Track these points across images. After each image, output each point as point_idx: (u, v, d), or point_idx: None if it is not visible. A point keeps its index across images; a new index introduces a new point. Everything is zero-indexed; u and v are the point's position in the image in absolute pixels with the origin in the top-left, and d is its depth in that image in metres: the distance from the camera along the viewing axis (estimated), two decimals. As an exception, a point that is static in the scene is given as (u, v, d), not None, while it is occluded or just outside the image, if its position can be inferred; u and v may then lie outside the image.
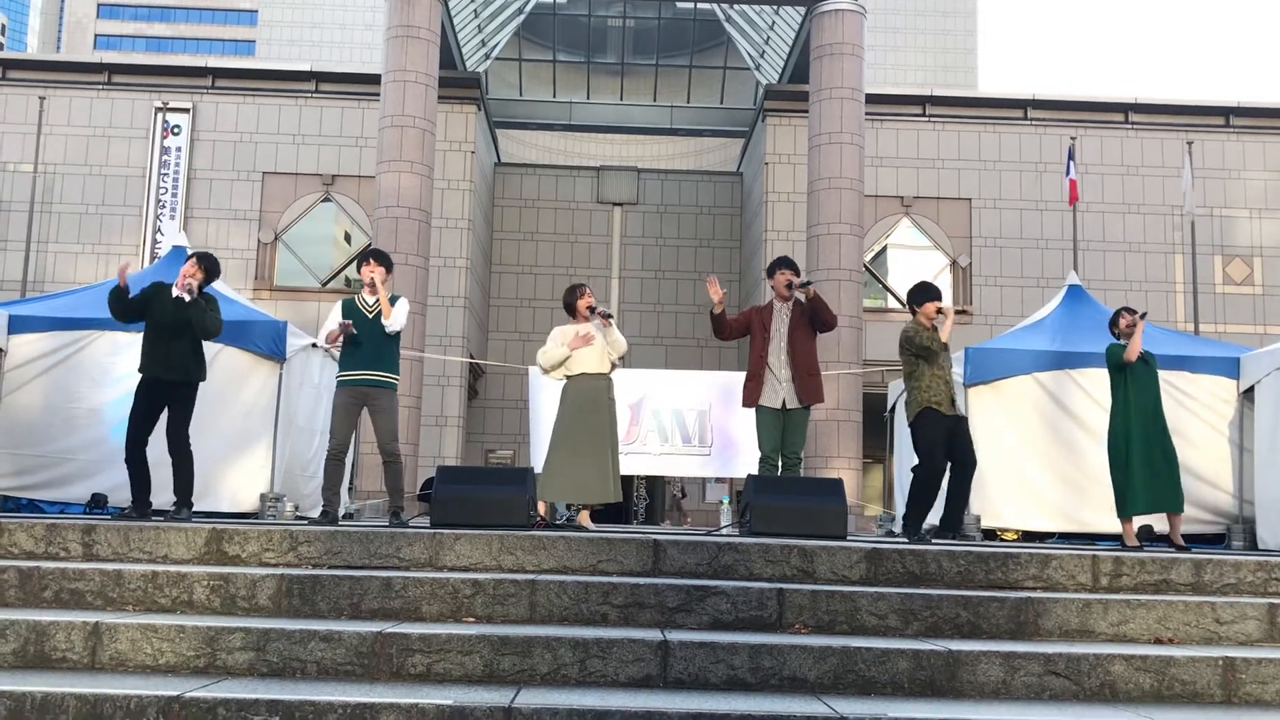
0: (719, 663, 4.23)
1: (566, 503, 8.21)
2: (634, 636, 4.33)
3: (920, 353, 7.75)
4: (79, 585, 4.84)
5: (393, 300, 7.61)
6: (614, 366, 8.23)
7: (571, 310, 8.31)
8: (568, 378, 8.14)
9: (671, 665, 4.23)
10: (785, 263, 8.06)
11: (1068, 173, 20.44)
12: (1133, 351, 8.05)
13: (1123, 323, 8.32)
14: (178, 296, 7.60)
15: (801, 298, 7.90)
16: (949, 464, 7.78)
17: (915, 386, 7.81)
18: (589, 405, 7.99)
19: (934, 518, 8.11)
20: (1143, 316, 8.27)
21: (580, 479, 7.88)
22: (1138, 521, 9.41)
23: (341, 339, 7.59)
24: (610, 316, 8.25)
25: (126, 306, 7.64)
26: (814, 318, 7.86)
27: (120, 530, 5.52)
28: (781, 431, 7.87)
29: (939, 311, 7.85)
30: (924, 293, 7.98)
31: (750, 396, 7.93)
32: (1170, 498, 8.12)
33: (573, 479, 7.89)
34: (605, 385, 8.11)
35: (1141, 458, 8.04)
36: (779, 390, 7.83)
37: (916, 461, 7.84)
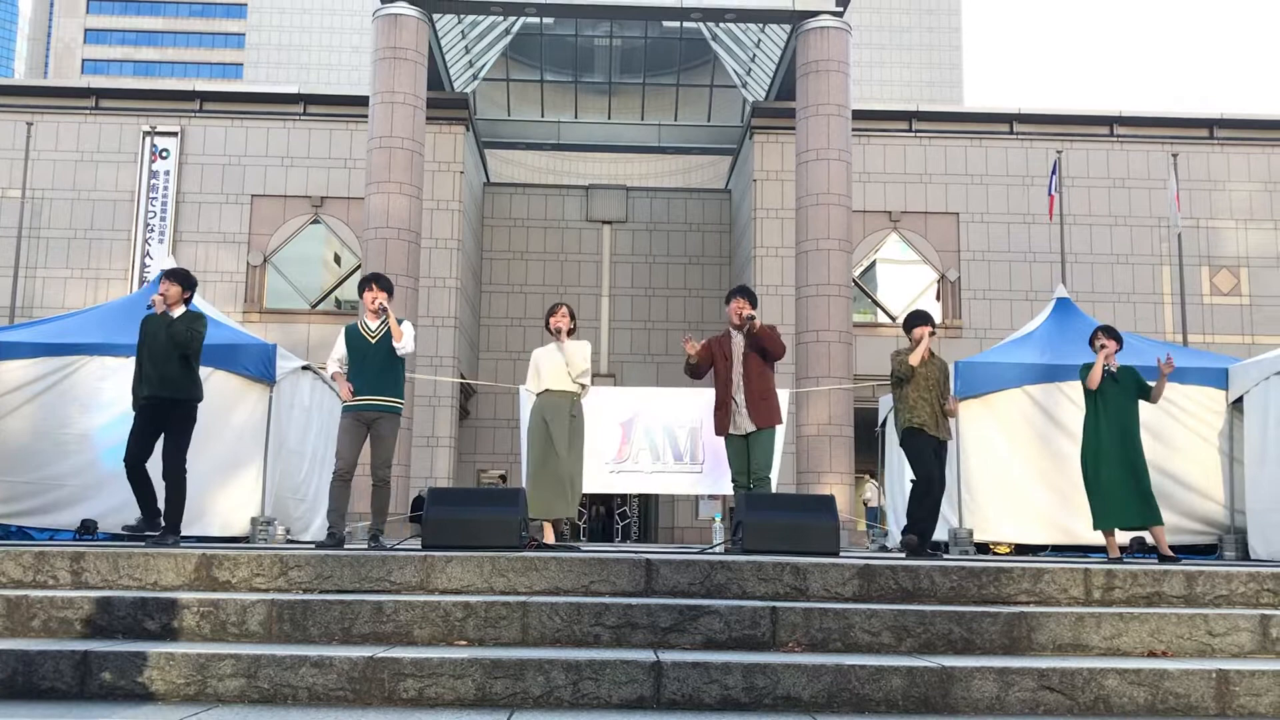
0: (712, 683, 4.21)
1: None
2: (627, 658, 4.31)
3: (895, 378, 8.08)
4: (67, 614, 4.81)
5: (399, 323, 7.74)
6: (584, 387, 8.23)
7: (548, 326, 8.40)
8: (536, 396, 8.23)
9: (665, 686, 4.21)
10: (740, 292, 8.23)
11: (1050, 188, 20.55)
12: (1092, 381, 8.21)
13: (1095, 343, 8.42)
14: (150, 312, 7.81)
15: (752, 329, 8.02)
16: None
17: (902, 406, 8.07)
18: (546, 421, 8.07)
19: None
20: (1108, 343, 8.28)
21: (547, 496, 7.97)
22: (1129, 535, 9.43)
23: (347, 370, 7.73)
24: (561, 330, 8.20)
25: None
26: (761, 350, 7.97)
27: (109, 557, 5.48)
28: (747, 454, 8.02)
29: (924, 338, 8.10)
30: (910, 320, 8.26)
31: (720, 425, 8.09)
32: (1143, 512, 8.12)
33: (543, 496, 7.98)
34: (566, 401, 8.13)
35: (1110, 475, 8.11)
36: (737, 417, 7.99)
37: (914, 476, 8.09)
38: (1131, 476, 8.08)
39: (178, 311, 7.81)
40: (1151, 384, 8.42)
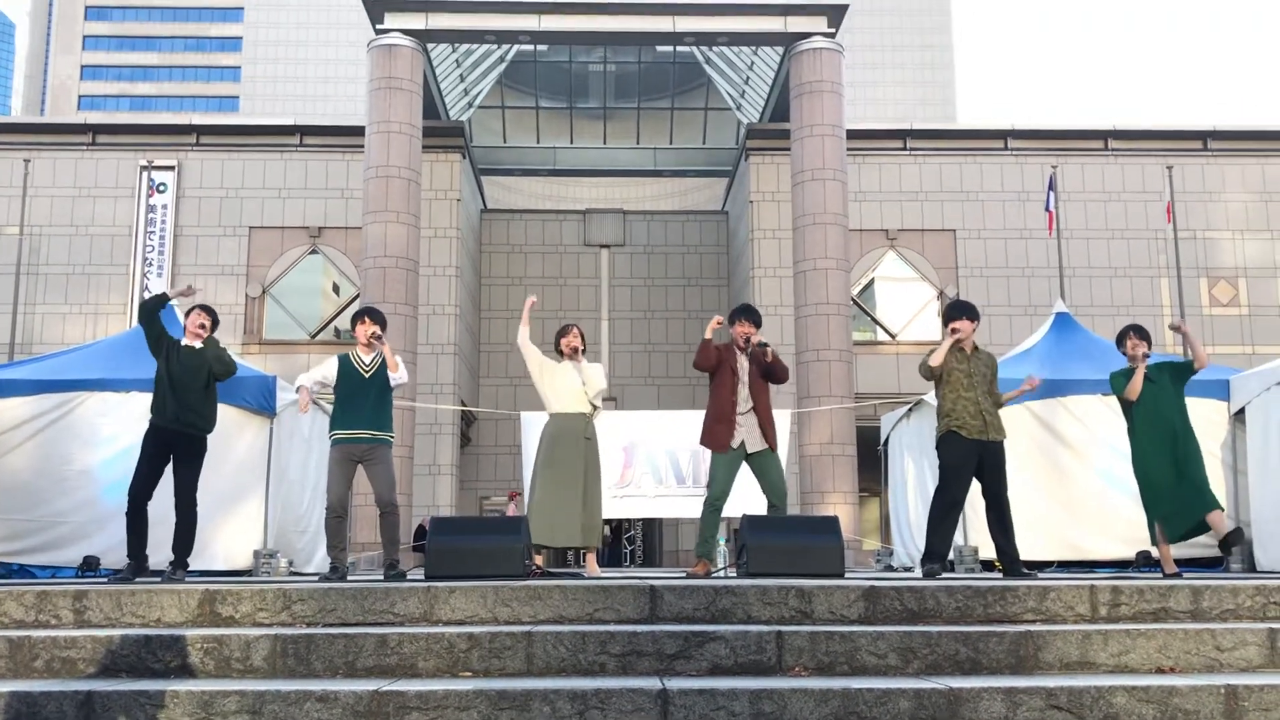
0: (719, 709, 4.19)
1: (564, 548, 8.09)
2: (633, 686, 4.29)
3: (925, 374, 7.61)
4: (70, 653, 4.78)
5: None
6: (595, 408, 8.14)
7: (559, 348, 8.36)
8: (549, 416, 8.16)
9: (672, 714, 4.19)
10: (744, 314, 7.97)
11: (1047, 204, 20.60)
12: (1132, 392, 7.74)
13: (1128, 344, 7.90)
14: (188, 345, 7.85)
15: (763, 356, 7.77)
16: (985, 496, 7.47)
17: (939, 409, 7.56)
18: (562, 445, 7.90)
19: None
20: (1142, 344, 7.83)
21: (554, 521, 7.74)
22: (1140, 546, 9.39)
23: (323, 395, 7.66)
24: (578, 350, 8.15)
25: (155, 314, 7.80)
26: (769, 374, 7.83)
27: (112, 595, 5.46)
28: (758, 477, 7.73)
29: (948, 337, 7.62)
30: (948, 311, 7.74)
31: (722, 439, 7.69)
32: (1200, 505, 7.55)
33: (548, 522, 7.76)
34: (582, 424, 8.02)
35: (1164, 484, 7.62)
36: (741, 434, 7.70)
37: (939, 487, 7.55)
38: (1182, 478, 7.56)
39: (197, 344, 7.88)
40: (1185, 359, 7.91)
